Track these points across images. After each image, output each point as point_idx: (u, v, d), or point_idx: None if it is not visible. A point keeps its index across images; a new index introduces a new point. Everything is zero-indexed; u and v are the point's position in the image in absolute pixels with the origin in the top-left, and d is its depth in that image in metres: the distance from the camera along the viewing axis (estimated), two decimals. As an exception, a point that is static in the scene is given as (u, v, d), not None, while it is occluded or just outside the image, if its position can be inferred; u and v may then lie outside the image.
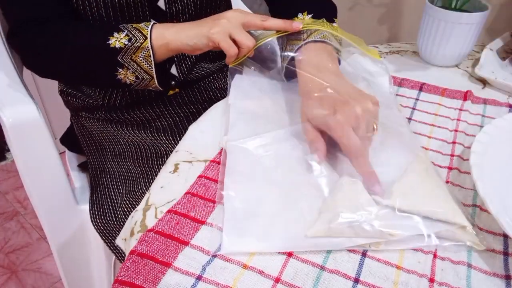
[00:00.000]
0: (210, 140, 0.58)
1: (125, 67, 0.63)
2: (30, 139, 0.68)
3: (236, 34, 0.60)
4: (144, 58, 0.62)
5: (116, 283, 0.40)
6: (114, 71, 0.63)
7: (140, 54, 0.62)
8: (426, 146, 0.59)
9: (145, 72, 0.64)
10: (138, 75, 0.64)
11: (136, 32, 0.62)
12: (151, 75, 0.64)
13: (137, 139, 0.74)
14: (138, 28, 0.62)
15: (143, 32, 0.62)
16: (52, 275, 1.30)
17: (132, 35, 0.61)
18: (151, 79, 0.64)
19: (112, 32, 0.62)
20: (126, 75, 0.64)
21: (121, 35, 0.61)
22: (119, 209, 0.71)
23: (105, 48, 0.61)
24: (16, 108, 0.66)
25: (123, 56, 0.62)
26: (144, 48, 0.61)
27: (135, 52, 0.62)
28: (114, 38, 0.61)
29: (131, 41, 0.61)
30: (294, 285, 0.40)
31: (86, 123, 0.81)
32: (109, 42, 0.61)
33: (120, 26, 0.63)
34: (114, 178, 0.75)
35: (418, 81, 0.74)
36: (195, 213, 0.47)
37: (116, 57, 0.62)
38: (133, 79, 0.64)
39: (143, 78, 0.64)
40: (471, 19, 0.73)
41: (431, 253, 0.43)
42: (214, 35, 0.60)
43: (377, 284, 0.40)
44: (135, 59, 0.62)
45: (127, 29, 0.62)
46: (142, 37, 0.61)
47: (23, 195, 1.57)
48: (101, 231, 0.73)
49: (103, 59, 0.63)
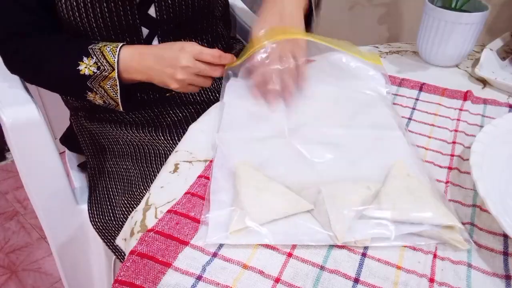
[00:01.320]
0: (210, 140, 0.58)
1: (94, 91, 0.67)
2: (30, 139, 0.68)
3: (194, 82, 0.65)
4: (111, 86, 0.66)
5: (116, 283, 0.40)
6: (84, 93, 0.68)
7: (107, 82, 0.66)
8: (426, 146, 0.59)
9: (111, 99, 0.68)
10: (105, 100, 0.68)
11: (104, 61, 0.64)
12: (116, 102, 0.68)
13: (136, 139, 0.74)
14: (106, 57, 0.64)
15: (110, 63, 0.64)
16: (52, 275, 1.30)
17: (100, 63, 0.64)
18: (116, 105, 0.69)
19: (82, 56, 0.65)
20: (95, 98, 0.68)
21: (91, 61, 0.64)
22: (117, 208, 0.71)
23: (75, 74, 0.65)
24: (16, 108, 0.67)
25: (92, 82, 0.66)
26: (112, 78, 0.65)
27: (103, 80, 0.65)
28: (84, 64, 0.64)
29: (99, 69, 0.65)
30: (294, 285, 0.40)
31: (85, 122, 0.81)
32: (79, 68, 0.65)
33: (89, 49, 0.65)
34: (113, 178, 0.75)
35: (418, 81, 0.74)
36: (195, 213, 0.47)
37: (86, 82, 0.66)
38: (101, 102, 0.69)
39: (110, 103, 0.69)
40: (471, 19, 0.72)
41: (431, 253, 0.43)
42: (175, 89, 0.67)
43: (377, 284, 0.40)
44: (103, 86, 0.66)
45: (95, 56, 0.65)
46: (109, 68, 0.65)
47: (23, 195, 1.57)
48: (100, 231, 0.73)
49: (74, 84, 0.67)
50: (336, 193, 0.46)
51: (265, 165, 0.52)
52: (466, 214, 0.48)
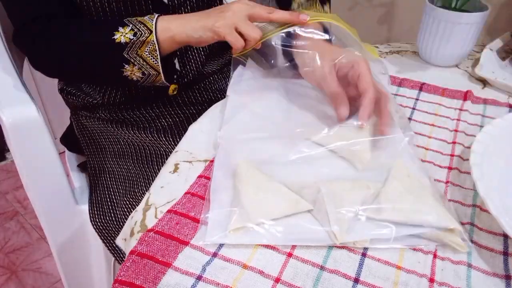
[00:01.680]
0: (210, 140, 0.58)
1: (131, 63, 0.62)
2: (30, 139, 0.68)
3: (242, 27, 0.59)
4: (149, 52, 0.61)
5: (116, 283, 0.39)
6: (120, 67, 0.62)
7: (145, 49, 0.61)
8: (426, 146, 0.59)
9: (151, 68, 0.63)
10: (144, 70, 0.63)
11: (141, 26, 0.61)
12: (157, 70, 0.63)
13: (137, 140, 0.74)
14: (143, 22, 0.61)
15: (148, 26, 0.61)
16: (52, 275, 1.30)
17: (137, 29, 0.61)
18: (157, 74, 0.64)
19: (117, 26, 0.61)
20: (132, 71, 0.63)
21: (126, 29, 0.61)
22: (118, 209, 0.71)
23: (111, 43, 0.61)
24: (15, 108, 0.66)
25: (129, 52, 0.61)
26: (150, 42, 0.61)
27: (140, 47, 0.61)
28: (119, 33, 0.61)
29: (136, 36, 0.60)
30: (294, 285, 0.40)
31: (86, 122, 0.81)
32: (115, 37, 0.60)
33: (125, 20, 0.62)
34: (113, 178, 0.75)
35: (418, 81, 0.74)
36: (195, 213, 0.46)
37: (122, 53, 0.61)
38: (139, 75, 0.64)
39: (150, 73, 0.64)
40: (471, 19, 0.72)
41: (431, 253, 0.43)
42: (219, 28, 0.59)
43: (377, 284, 0.40)
44: (140, 54, 0.61)
45: (132, 23, 0.61)
46: (147, 31, 0.61)
47: (23, 195, 1.57)
48: (100, 231, 0.73)
49: (109, 55, 0.62)
50: (336, 192, 0.46)
51: (266, 164, 0.52)
52: (466, 214, 0.48)
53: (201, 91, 0.81)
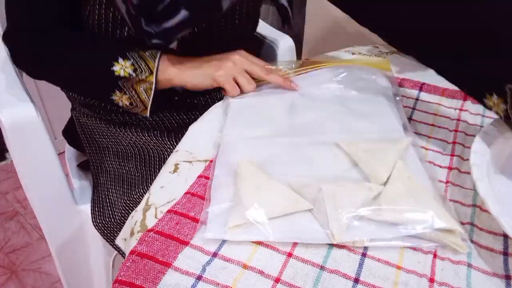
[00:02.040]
0: (210, 140, 0.58)
1: (124, 92, 0.64)
2: (29, 140, 0.68)
3: (239, 79, 0.64)
4: (144, 89, 0.63)
5: (116, 283, 0.39)
6: (111, 91, 0.64)
7: (142, 85, 0.63)
8: (426, 146, 0.59)
9: (140, 102, 0.65)
10: (133, 101, 0.65)
11: (142, 64, 0.62)
12: (145, 105, 0.65)
13: (140, 142, 0.74)
14: (144, 59, 0.63)
15: (150, 66, 0.63)
16: (52, 275, 1.30)
17: (138, 65, 0.62)
18: (144, 109, 0.66)
19: (117, 57, 0.62)
20: (121, 98, 0.65)
21: (127, 63, 0.62)
22: (116, 210, 0.71)
23: (108, 73, 0.62)
24: (14, 109, 0.66)
25: (125, 83, 0.63)
26: (148, 81, 0.63)
27: (137, 82, 0.63)
28: (119, 65, 0.62)
29: (136, 72, 0.62)
30: (294, 285, 0.40)
31: (87, 120, 0.80)
32: (114, 69, 0.62)
33: (126, 52, 0.63)
34: (113, 178, 0.75)
35: (418, 81, 0.74)
36: (195, 213, 0.46)
37: (117, 81, 0.63)
38: (126, 103, 0.66)
39: (137, 105, 0.66)
40: (471, 19, 0.72)
41: (431, 253, 0.43)
42: (219, 77, 0.63)
43: (377, 284, 0.40)
44: (135, 88, 0.63)
45: (133, 58, 0.62)
46: (148, 71, 0.62)
47: (23, 195, 1.57)
48: (101, 230, 0.73)
49: (103, 81, 0.64)
50: (337, 192, 0.46)
51: (267, 164, 0.52)
52: (466, 214, 0.48)
53: (205, 95, 0.81)
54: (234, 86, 0.64)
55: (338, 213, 0.44)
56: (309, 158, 0.53)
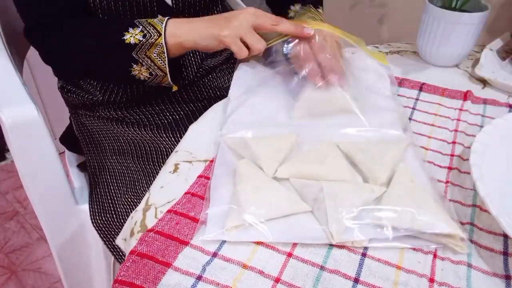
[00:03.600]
0: (210, 140, 0.58)
1: (140, 63, 0.63)
2: (29, 139, 0.68)
3: (247, 38, 0.61)
4: (158, 54, 0.63)
5: (116, 283, 0.40)
6: (129, 67, 0.64)
7: (154, 51, 0.62)
8: (426, 146, 0.59)
9: (158, 69, 0.64)
10: (152, 71, 0.64)
11: (151, 28, 0.62)
12: (164, 71, 0.64)
13: (137, 137, 0.74)
14: (153, 24, 0.62)
15: (158, 29, 0.62)
16: (52, 275, 1.30)
17: (146, 31, 0.62)
18: (164, 75, 0.65)
19: (127, 27, 0.62)
20: (140, 71, 0.64)
21: (136, 30, 0.62)
22: (119, 207, 0.71)
23: (120, 43, 0.62)
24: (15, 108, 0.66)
25: (138, 52, 0.62)
26: (158, 44, 0.62)
27: (149, 48, 0.62)
28: (129, 34, 0.62)
29: (145, 37, 0.62)
30: (294, 285, 0.40)
31: (85, 121, 0.81)
32: (124, 38, 0.62)
33: (135, 21, 0.63)
34: (114, 176, 0.75)
35: (418, 81, 0.74)
36: (195, 213, 0.47)
37: (131, 53, 0.62)
38: (147, 75, 0.65)
39: (157, 74, 0.65)
40: (471, 19, 0.72)
41: (431, 253, 0.43)
42: (225, 38, 0.61)
43: (377, 284, 0.40)
44: (149, 55, 0.63)
45: (142, 25, 0.62)
46: (156, 34, 0.62)
47: (23, 195, 1.57)
48: (101, 230, 0.73)
49: (118, 55, 0.64)
50: (338, 192, 0.46)
51: None
52: (466, 214, 0.48)
53: (201, 88, 0.81)
54: (241, 47, 0.62)
55: (338, 213, 0.44)
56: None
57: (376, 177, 0.49)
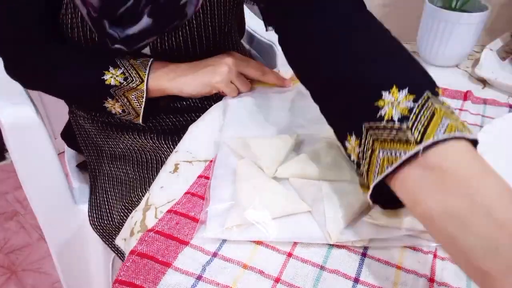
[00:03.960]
0: (210, 140, 0.58)
1: (115, 99, 0.64)
2: (28, 140, 0.68)
3: (236, 82, 0.65)
4: (136, 97, 0.63)
5: (116, 283, 0.39)
6: (103, 99, 0.64)
7: (133, 93, 0.63)
8: (426, 146, 0.59)
9: (132, 109, 0.65)
10: (125, 109, 0.65)
11: (133, 72, 0.62)
12: (137, 113, 0.66)
13: (137, 144, 0.73)
14: (136, 69, 0.62)
15: (140, 74, 0.62)
16: (52, 275, 1.30)
17: (128, 74, 0.62)
18: (136, 116, 0.66)
19: (108, 66, 0.62)
20: (114, 106, 0.65)
21: (117, 72, 0.62)
22: (114, 212, 0.70)
23: (99, 82, 0.62)
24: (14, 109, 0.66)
25: (116, 90, 0.63)
26: (139, 90, 0.62)
27: (128, 90, 0.63)
28: (110, 74, 0.62)
29: (127, 81, 0.62)
30: (294, 285, 0.40)
31: (84, 123, 0.80)
32: (104, 78, 0.62)
33: (116, 60, 0.63)
34: (111, 181, 0.74)
35: (418, 81, 0.74)
36: (195, 213, 0.46)
37: (109, 89, 0.63)
38: (119, 110, 0.66)
39: (129, 113, 0.66)
40: (471, 19, 0.72)
41: (431, 253, 0.43)
42: (218, 84, 0.63)
43: (377, 284, 0.40)
44: (127, 96, 0.63)
45: (124, 67, 0.62)
46: (138, 80, 0.62)
47: (23, 195, 1.57)
48: (100, 232, 0.73)
49: (95, 90, 0.64)
50: (337, 193, 0.46)
51: None
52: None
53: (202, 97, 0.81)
54: (233, 89, 0.65)
55: (336, 213, 0.44)
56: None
57: None
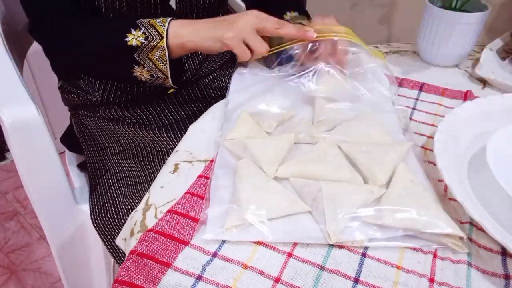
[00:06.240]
0: (210, 140, 0.58)
1: (141, 65, 0.64)
2: (30, 139, 0.68)
3: (250, 40, 0.61)
4: (159, 57, 0.63)
5: (116, 283, 0.40)
6: (130, 68, 0.64)
7: (156, 53, 0.62)
8: (425, 146, 0.59)
9: (159, 71, 0.64)
10: (153, 73, 0.65)
11: (153, 31, 0.62)
12: (165, 74, 0.65)
13: (137, 138, 0.74)
14: (155, 26, 0.62)
15: (160, 31, 0.62)
16: (52, 275, 1.30)
17: (149, 33, 0.62)
18: (165, 78, 0.65)
19: (129, 28, 0.62)
20: (142, 73, 0.65)
21: (138, 32, 0.62)
22: (120, 206, 0.71)
23: (123, 45, 0.62)
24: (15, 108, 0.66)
25: (140, 54, 0.62)
26: (160, 47, 0.62)
27: (151, 51, 0.62)
28: (132, 35, 0.62)
29: (147, 40, 0.62)
30: (294, 285, 0.40)
31: (86, 121, 0.81)
32: (127, 40, 0.62)
33: (137, 22, 0.63)
34: (114, 177, 0.75)
35: (418, 81, 0.74)
36: (195, 213, 0.47)
37: (133, 54, 0.62)
38: (148, 77, 0.65)
39: (158, 76, 0.65)
40: (471, 19, 0.73)
41: (431, 253, 0.43)
42: (228, 40, 0.61)
43: (377, 284, 0.40)
44: (151, 58, 0.63)
45: (144, 26, 0.62)
46: (158, 36, 0.62)
47: (23, 195, 1.57)
48: (101, 230, 0.73)
49: (120, 56, 0.64)
50: (337, 193, 0.46)
51: None
52: (465, 213, 0.48)
53: (201, 89, 0.81)
54: (244, 50, 0.62)
55: (336, 213, 0.44)
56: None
57: (376, 178, 0.49)
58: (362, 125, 0.58)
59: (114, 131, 0.76)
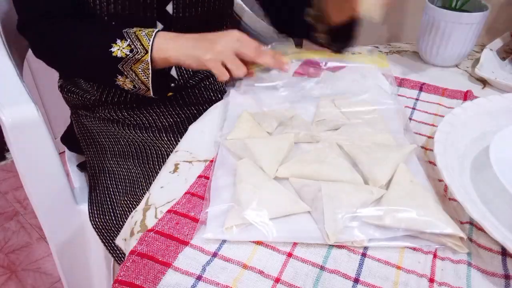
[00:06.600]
0: (210, 140, 0.58)
1: (124, 75, 0.65)
2: (30, 139, 0.68)
3: (228, 63, 0.62)
4: (142, 70, 0.64)
5: (116, 283, 0.40)
6: (114, 77, 0.65)
7: (139, 66, 0.64)
8: (425, 146, 0.59)
9: (142, 83, 0.66)
10: (135, 84, 0.66)
11: (138, 44, 0.63)
12: (147, 86, 0.66)
13: (137, 139, 0.74)
14: (140, 40, 0.63)
15: (144, 46, 0.63)
16: (52, 275, 1.30)
17: (134, 46, 0.63)
18: (147, 90, 0.67)
19: (115, 38, 0.63)
20: (124, 82, 0.66)
21: (124, 44, 0.63)
22: (118, 208, 0.71)
23: (107, 56, 0.63)
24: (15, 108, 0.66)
25: (123, 65, 0.64)
26: (144, 61, 0.63)
27: (135, 63, 0.63)
28: (117, 46, 0.63)
29: (132, 52, 0.63)
30: (294, 285, 0.40)
31: (86, 121, 0.81)
32: (112, 50, 0.63)
33: (123, 32, 0.64)
34: (113, 178, 0.75)
35: (418, 81, 0.74)
36: (195, 213, 0.47)
37: (117, 65, 0.63)
38: (130, 86, 0.67)
39: (140, 87, 0.67)
40: (471, 19, 0.72)
41: (431, 253, 0.43)
42: (207, 61, 0.62)
43: (377, 284, 0.40)
44: (134, 69, 0.64)
45: (130, 38, 0.63)
46: (143, 50, 0.63)
47: (23, 195, 1.57)
48: (100, 230, 0.73)
49: (104, 65, 0.65)
50: (336, 193, 0.46)
51: None
52: (465, 213, 0.48)
53: (201, 91, 0.81)
54: (222, 72, 0.63)
55: (335, 213, 0.44)
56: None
57: (376, 179, 0.49)
58: (366, 127, 0.57)
59: (114, 132, 0.76)
